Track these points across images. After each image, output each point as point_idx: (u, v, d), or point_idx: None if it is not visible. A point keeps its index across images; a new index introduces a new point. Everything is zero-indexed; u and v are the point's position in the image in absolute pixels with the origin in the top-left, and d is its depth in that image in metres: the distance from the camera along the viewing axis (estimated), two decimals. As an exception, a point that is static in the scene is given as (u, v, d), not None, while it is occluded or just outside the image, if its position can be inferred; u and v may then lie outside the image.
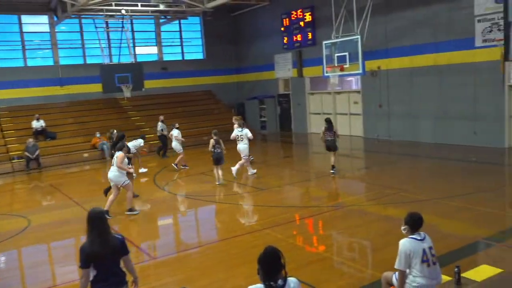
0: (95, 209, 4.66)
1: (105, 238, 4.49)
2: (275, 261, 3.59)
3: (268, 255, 3.61)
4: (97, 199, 12.34)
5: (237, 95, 27.88)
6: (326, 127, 12.96)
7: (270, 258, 3.61)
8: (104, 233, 4.50)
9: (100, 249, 4.42)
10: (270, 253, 3.62)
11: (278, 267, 3.58)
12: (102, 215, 4.63)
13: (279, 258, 3.60)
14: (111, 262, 4.51)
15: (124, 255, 4.66)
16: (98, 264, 4.45)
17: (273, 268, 3.58)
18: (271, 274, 3.57)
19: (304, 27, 22.02)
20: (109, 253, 4.47)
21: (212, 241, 8.73)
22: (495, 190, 10.57)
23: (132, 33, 24.51)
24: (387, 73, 18.49)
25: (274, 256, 3.60)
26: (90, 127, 21.06)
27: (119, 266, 4.62)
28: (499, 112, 15.01)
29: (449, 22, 16.02)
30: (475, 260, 6.55)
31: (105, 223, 4.56)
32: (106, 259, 4.45)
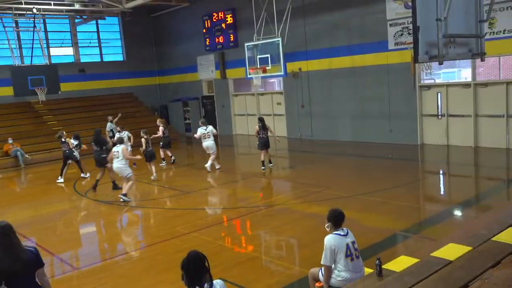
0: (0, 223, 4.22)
1: (14, 253, 4.09)
2: (199, 266, 3.59)
3: (192, 260, 3.60)
4: (12, 210, 11.60)
5: (160, 97, 27.37)
6: (260, 126, 13.80)
7: (194, 262, 3.60)
8: (12, 247, 4.11)
9: (9, 265, 4.04)
10: (194, 258, 3.61)
11: (202, 271, 3.58)
12: (6, 229, 4.15)
13: (203, 262, 3.60)
14: (24, 278, 4.14)
15: (39, 267, 4.28)
16: (10, 282, 4.08)
17: (198, 273, 3.57)
18: (195, 279, 3.56)
19: (225, 29, 22.08)
20: (21, 269, 4.09)
21: (137, 248, 8.50)
22: (410, 184, 11.25)
23: (45, 33, 23.20)
24: (307, 75, 19.03)
25: (198, 261, 3.60)
26: (1, 133, 19.70)
27: (33, 281, 4.25)
28: (412, 110, 16.00)
29: (363, 26, 16.80)
30: (394, 252, 6.92)
31: (12, 237, 4.13)
32: (17, 275, 4.07)
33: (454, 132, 15.32)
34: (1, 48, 22.22)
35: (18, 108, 22.10)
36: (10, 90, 19.34)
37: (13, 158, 18.45)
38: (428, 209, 9.75)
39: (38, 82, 19.07)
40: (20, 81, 18.79)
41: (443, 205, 9.88)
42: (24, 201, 13.04)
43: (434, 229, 8.10)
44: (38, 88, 19.03)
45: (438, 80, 16.72)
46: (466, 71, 15.55)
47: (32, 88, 19.03)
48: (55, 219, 10.78)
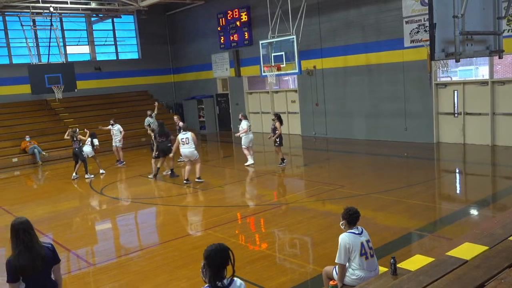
0: (19, 219, 4.29)
1: (33, 249, 4.18)
2: (224, 257, 3.48)
3: (219, 250, 3.49)
4: (29, 206, 11.78)
5: (174, 95, 27.52)
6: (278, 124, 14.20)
7: (220, 253, 3.48)
8: (31, 244, 4.19)
9: (29, 261, 4.13)
10: (221, 248, 3.50)
11: (225, 264, 3.48)
12: (27, 225, 4.24)
13: (228, 254, 3.50)
14: (41, 274, 4.23)
15: (55, 264, 4.38)
16: (28, 277, 4.18)
17: (222, 265, 3.47)
18: (217, 270, 3.46)
19: (240, 26, 22.10)
20: (40, 265, 4.19)
21: (153, 244, 8.56)
22: (425, 183, 11.14)
23: (61, 31, 23.49)
24: (322, 72, 18.97)
25: (224, 251, 3.50)
26: (18, 131, 20.00)
27: (49, 277, 4.34)
28: (427, 109, 15.85)
29: (378, 23, 16.68)
30: (409, 251, 6.88)
31: (31, 233, 4.22)
32: (36, 271, 4.18)
33: (470, 131, 15.14)
34: (19, 46, 22.57)
35: (36, 105, 22.43)
36: (28, 88, 19.62)
37: (30, 155, 18.74)
38: (443, 208, 9.65)
39: (55, 80, 19.30)
40: (37, 79, 19.04)
41: (459, 204, 9.78)
42: (41, 197, 13.23)
43: (449, 228, 8.02)
44: (55, 86, 19.27)
45: (455, 77, 16.52)
46: (484, 68, 15.34)
47: (49, 86, 19.27)
48: (72, 215, 10.92)
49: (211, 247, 3.52)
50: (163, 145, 13.55)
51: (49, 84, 19.24)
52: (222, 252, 3.49)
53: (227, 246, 3.52)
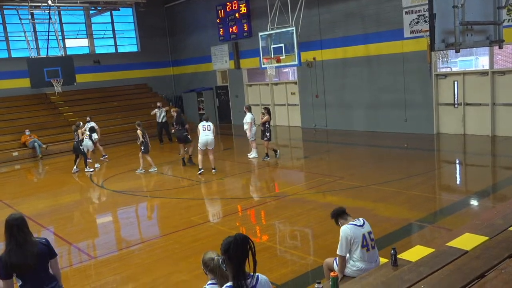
0: (14, 215, 4.22)
1: (25, 247, 4.13)
2: (245, 249, 3.09)
3: (240, 240, 3.08)
4: (30, 200, 11.80)
5: (174, 88, 27.46)
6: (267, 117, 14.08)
7: (241, 243, 3.08)
8: (24, 241, 4.14)
9: (21, 260, 4.10)
10: (241, 238, 3.10)
11: (246, 256, 3.11)
12: (20, 221, 4.18)
13: (250, 244, 3.11)
14: (37, 270, 4.20)
15: (51, 258, 4.34)
16: (22, 274, 4.16)
17: (243, 258, 3.09)
18: (241, 266, 3.09)
19: (239, 18, 22.00)
20: (33, 261, 4.14)
21: (154, 237, 8.59)
22: (425, 174, 11.15)
23: (60, 25, 23.38)
24: (322, 64, 18.91)
25: (245, 241, 3.09)
26: (18, 125, 19.98)
27: (47, 273, 4.30)
28: (427, 100, 15.81)
29: (378, 14, 16.60)
30: (409, 242, 6.90)
31: (24, 230, 4.17)
32: (29, 268, 4.15)
33: (470, 121, 15.13)
34: (17, 40, 22.49)
35: (35, 99, 22.38)
36: (27, 82, 19.56)
37: (31, 149, 18.74)
38: (444, 198, 9.67)
39: (54, 73, 19.24)
40: (36, 73, 18.98)
41: (459, 194, 9.80)
42: (41, 191, 13.25)
43: (450, 219, 8.03)
44: (54, 80, 19.21)
45: (455, 68, 16.50)
46: (484, 59, 15.31)
47: (48, 80, 19.20)
48: (72, 209, 10.94)
49: (229, 239, 3.14)
50: (179, 133, 14.07)
51: (48, 78, 19.18)
52: (243, 242, 3.10)
53: (246, 236, 3.16)
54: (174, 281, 6.45)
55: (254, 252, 3.11)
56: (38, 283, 4.23)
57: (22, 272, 4.16)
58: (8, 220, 4.18)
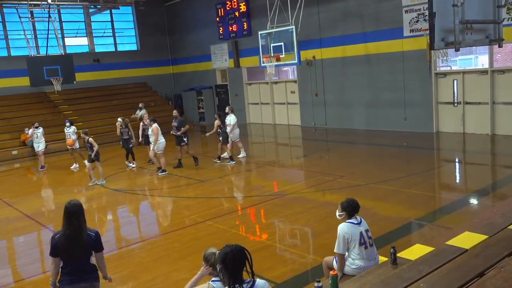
0: (73, 201, 4.50)
1: (76, 235, 4.37)
2: (241, 259, 3.21)
3: (236, 252, 3.21)
4: (29, 198, 11.80)
5: (174, 86, 27.46)
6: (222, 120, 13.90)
7: (238, 255, 3.21)
8: (77, 229, 4.38)
9: (68, 245, 4.34)
10: (238, 250, 3.22)
11: (243, 266, 3.23)
12: (79, 209, 4.45)
13: (246, 257, 3.23)
14: (79, 258, 4.41)
15: (97, 252, 4.54)
16: (65, 258, 4.40)
17: (239, 268, 3.22)
18: (237, 274, 3.22)
19: (239, 17, 21.99)
20: (77, 250, 4.38)
21: (153, 236, 8.59)
22: (425, 173, 11.16)
23: (60, 23, 23.36)
24: (321, 63, 18.91)
25: (241, 253, 3.23)
26: (18, 123, 19.95)
27: (88, 262, 4.49)
28: (427, 98, 15.81)
29: (378, 13, 16.59)
30: (409, 240, 6.91)
31: (80, 217, 4.42)
32: (72, 255, 4.38)
33: (470, 120, 15.13)
34: (17, 39, 22.47)
35: (35, 98, 22.38)
36: (27, 80, 19.54)
37: (30, 148, 18.71)
38: (443, 197, 9.67)
39: (53, 72, 19.24)
40: (36, 71, 18.97)
41: (458, 193, 9.80)
42: (40, 189, 13.26)
43: (449, 217, 8.04)
44: (54, 78, 19.20)
45: (454, 67, 16.50)
46: (483, 57, 15.30)
47: (48, 78, 19.20)
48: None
49: (226, 250, 3.24)
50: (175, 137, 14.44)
51: (48, 76, 19.17)
52: (239, 254, 3.22)
53: (243, 247, 3.26)
54: (173, 280, 6.46)
55: (251, 264, 3.23)
56: (77, 270, 4.42)
57: (65, 257, 4.40)
58: (67, 206, 4.45)
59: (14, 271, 7.47)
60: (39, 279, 6.92)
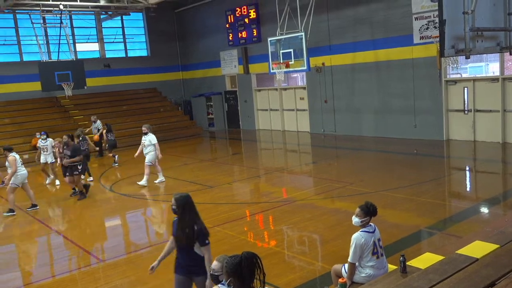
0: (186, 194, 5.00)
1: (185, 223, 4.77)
2: (253, 268, 3.05)
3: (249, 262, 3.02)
4: (39, 203, 11.86)
5: (183, 92, 27.58)
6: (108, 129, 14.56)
7: (250, 263, 3.04)
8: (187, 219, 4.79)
9: (178, 233, 4.82)
10: (249, 257, 3.04)
11: (255, 276, 3.05)
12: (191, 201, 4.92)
13: (258, 263, 3.06)
14: (185, 248, 4.80)
15: (201, 245, 4.77)
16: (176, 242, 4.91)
17: (252, 277, 3.04)
18: (250, 285, 3.07)
19: (249, 23, 22.07)
20: (183, 237, 4.77)
21: (161, 241, 8.59)
22: (435, 180, 11.08)
23: (71, 29, 23.62)
24: (331, 69, 18.90)
25: (253, 260, 3.05)
26: (29, 127, 20.15)
27: (192, 252, 4.78)
28: (437, 106, 15.74)
29: (388, 20, 16.58)
30: (419, 249, 6.85)
31: (192, 209, 4.87)
32: (179, 241, 4.82)
33: (481, 128, 15.02)
34: (29, 44, 22.74)
35: (46, 103, 22.60)
36: (38, 85, 19.76)
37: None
38: (453, 205, 9.60)
39: (65, 77, 19.43)
40: (47, 76, 19.17)
41: (469, 202, 9.72)
42: (51, 194, 13.33)
43: (459, 226, 7.97)
44: (65, 83, 19.39)
45: (465, 74, 16.43)
46: (494, 65, 15.21)
47: (59, 83, 19.40)
48: (81, 212, 11.01)
49: (235, 260, 3.05)
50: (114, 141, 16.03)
51: (59, 81, 19.37)
52: (250, 261, 3.04)
53: (252, 254, 3.07)
54: (182, 286, 6.45)
55: (262, 270, 3.09)
56: (183, 257, 4.88)
57: (175, 241, 4.93)
58: (185, 196, 4.94)
59: (24, 275, 7.51)
60: (46, 283, 6.96)
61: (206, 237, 4.81)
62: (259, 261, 3.08)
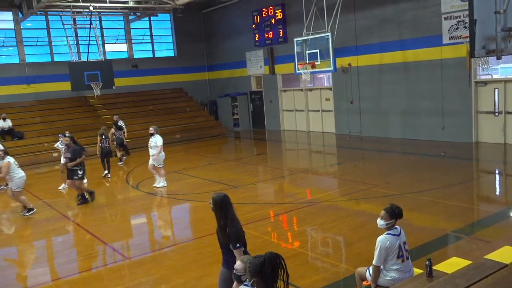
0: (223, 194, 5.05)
1: (221, 226, 4.94)
2: (277, 269, 3.01)
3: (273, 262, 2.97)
4: (67, 199, 12.13)
5: (209, 92, 27.76)
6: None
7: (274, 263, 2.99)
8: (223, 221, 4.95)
9: (217, 230, 5.04)
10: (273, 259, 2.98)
11: (278, 276, 3.01)
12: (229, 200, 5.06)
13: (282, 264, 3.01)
14: (227, 246, 4.96)
15: (232, 248, 4.86)
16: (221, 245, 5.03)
17: (276, 278, 2.99)
18: (274, 285, 3.02)
19: (275, 24, 22.07)
20: (219, 239, 5.04)
21: (186, 240, 8.68)
22: (463, 184, 10.85)
23: (100, 30, 24.07)
24: (357, 70, 18.73)
25: (277, 261, 3.00)
26: (59, 126, 20.58)
27: (229, 251, 4.91)
28: (466, 107, 15.41)
29: (416, 20, 16.33)
30: (445, 253, 6.73)
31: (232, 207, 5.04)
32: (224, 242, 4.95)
33: (512, 130, 14.65)
34: (60, 45, 23.28)
35: (75, 102, 23.09)
36: (68, 85, 20.21)
37: (70, 150, 19.26)
38: (482, 209, 9.38)
39: (94, 77, 19.81)
40: (77, 76, 19.58)
41: (498, 206, 9.48)
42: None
43: (488, 230, 7.79)
44: (94, 83, 19.77)
45: (496, 75, 16.03)
46: (527, 66, 14.82)
47: (88, 83, 19.79)
48: (107, 209, 11.20)
49: (259, 260, 3.00)
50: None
51: (88, 81, 19.76)
52: (274, 262, 2.99)
53: (276, 254, 3.01)
54: (205, 284, 6.50)
55: (286, 270, 3.04)
56: (223, 251, 5.10)
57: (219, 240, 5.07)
58: (220, 197, 5.04)
59: (52, 270, 7.68)
60: (74, 279, 7.10)
61: (236, 241, 4.84)
62: (282, 262, 3.04)
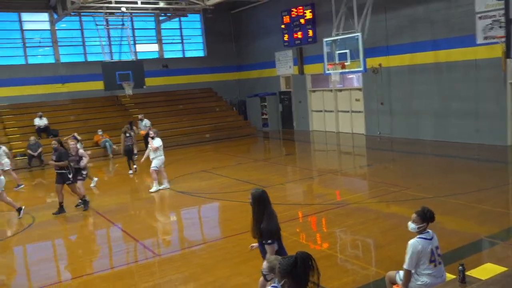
0: (261, 189, 5.24)
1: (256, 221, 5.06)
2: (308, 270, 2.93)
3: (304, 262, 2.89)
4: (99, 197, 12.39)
5: (238, 92, 27.88)
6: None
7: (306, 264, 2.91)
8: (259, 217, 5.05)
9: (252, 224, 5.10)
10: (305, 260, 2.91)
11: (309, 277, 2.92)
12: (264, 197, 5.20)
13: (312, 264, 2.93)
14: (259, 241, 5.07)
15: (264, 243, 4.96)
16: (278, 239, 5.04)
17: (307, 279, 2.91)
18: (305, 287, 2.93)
19: (304, 24, 21.99)
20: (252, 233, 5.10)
21: (215, 239, 8.76)
22: (498, 188, 10.57)
23: (132, 30, 24.48)
24: (388, 71, 18.49)
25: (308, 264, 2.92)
26: (92, 125, 21.08)
27: (263, 250, 5.03)
28: (502, 109, 15.01)
29: (448, 19, 16.00)
30: (479, 258, 6.57)
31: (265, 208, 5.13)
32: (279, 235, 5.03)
33: (549, 133, 14.19)
34: (93, 45, 23.80)
35: (108, 101, 23.56)
36: (101, 85, 20.65)
37: (102, 149, 19.72)
38: (518, 214, 9.13)
39: (125, 77, 20.19)
40: (109, 76, 20.00)
41: (535, 211, 9.21)
42: (110, 188, 13.88)
43: (524, 236, 7.58)
44: (125, 83, 20.14)
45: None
46: None
47: (120, 83, 20.18)
48: (138, 207, 11.39)
49: (289, 260, 2.93)
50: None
51: (120, 81, 20.15)
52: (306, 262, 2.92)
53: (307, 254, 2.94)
54: (233, 283, 6.54)
55: (318, 270, 2.97)
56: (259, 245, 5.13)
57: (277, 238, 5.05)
58: (259, 192, 5.26)
59: (85, 265, 7.87)
60: (105, 275, 7.26)
61: (268, 237, 4.93)
62: (313, 262, 3.00)
